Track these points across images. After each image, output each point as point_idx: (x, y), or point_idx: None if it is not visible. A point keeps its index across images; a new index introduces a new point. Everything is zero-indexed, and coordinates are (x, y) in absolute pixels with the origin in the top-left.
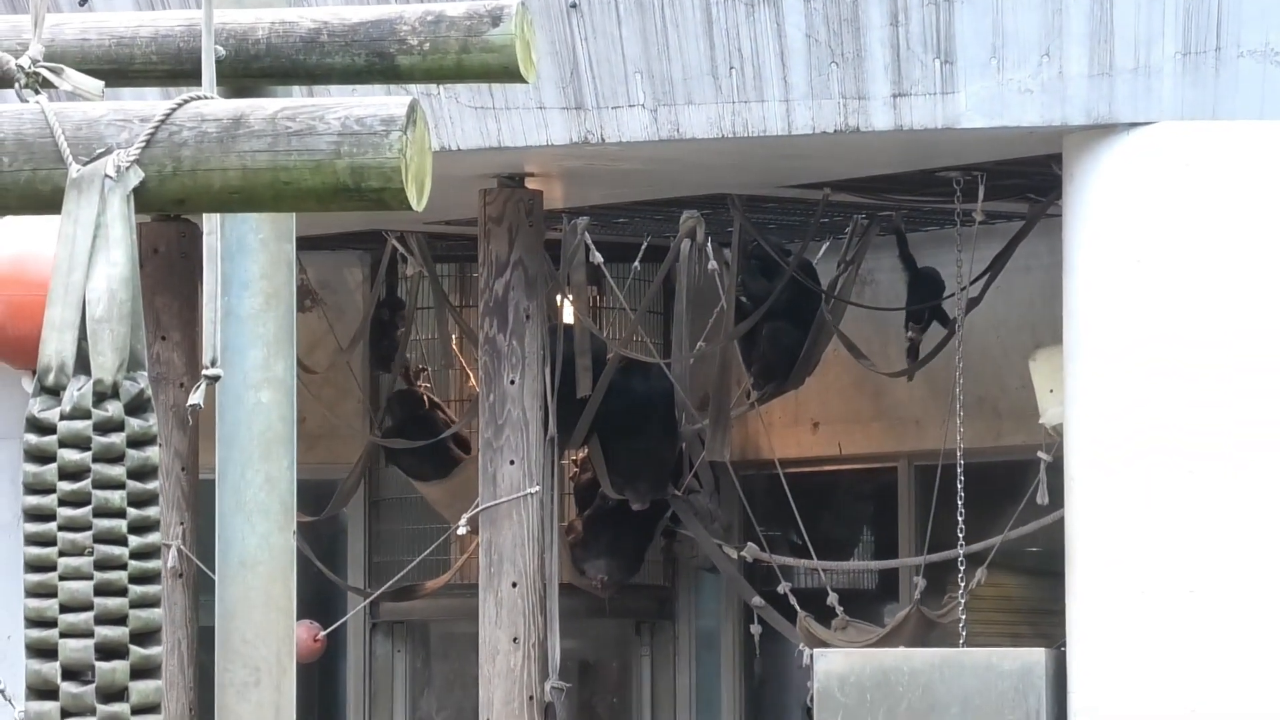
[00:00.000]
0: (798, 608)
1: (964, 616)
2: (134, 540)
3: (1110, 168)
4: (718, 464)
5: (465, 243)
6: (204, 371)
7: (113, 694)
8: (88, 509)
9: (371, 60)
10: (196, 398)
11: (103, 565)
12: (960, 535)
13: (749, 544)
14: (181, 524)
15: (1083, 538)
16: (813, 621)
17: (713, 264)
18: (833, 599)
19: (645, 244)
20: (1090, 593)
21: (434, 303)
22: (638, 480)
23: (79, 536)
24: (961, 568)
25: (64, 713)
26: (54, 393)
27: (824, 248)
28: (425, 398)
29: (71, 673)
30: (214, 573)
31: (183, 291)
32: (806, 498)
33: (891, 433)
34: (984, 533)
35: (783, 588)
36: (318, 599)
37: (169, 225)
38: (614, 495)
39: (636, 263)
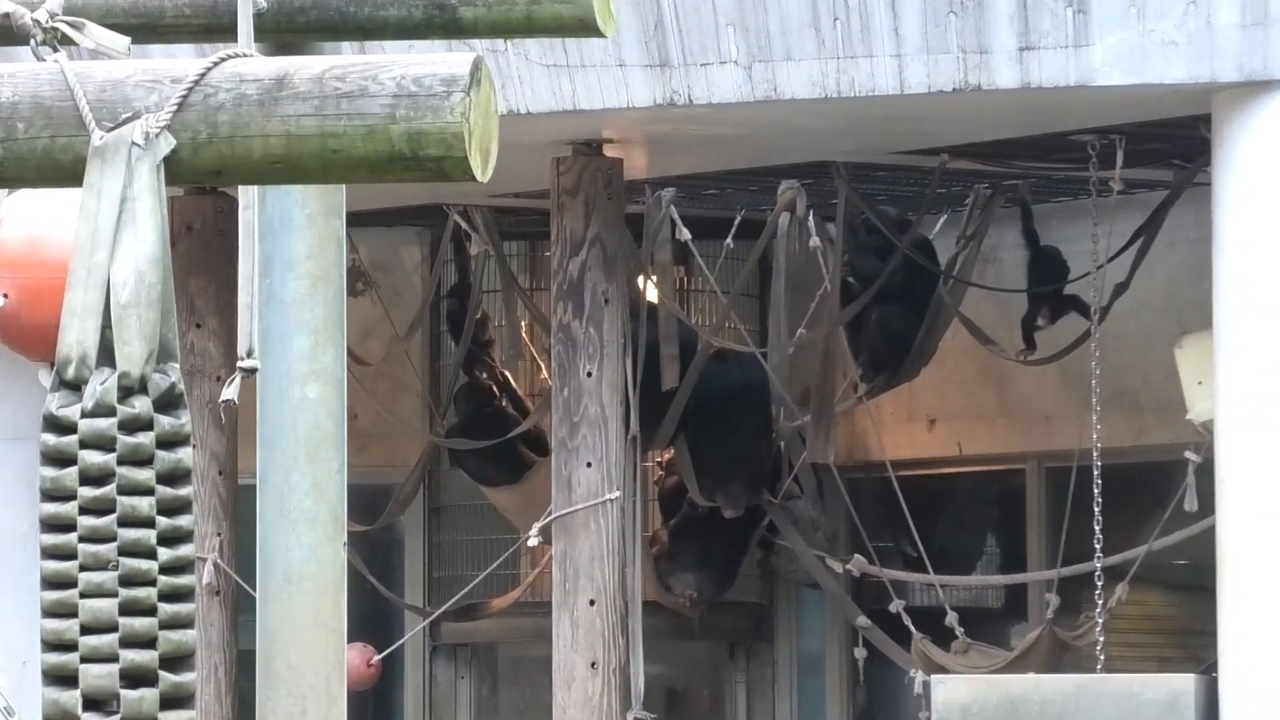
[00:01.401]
0: (912, 628)
1: (1102, 638)
2: (164, 553)
3: (1265, 129)
4: (820, 466)
5: (536, 218)
6: (240, 363)
7: None
8: (112, 518)
9: (430, 12)
10: (231, 392)
11: (129, 581)
12: (1098, 546)
13: (856, 556)
14: (218, 535)
15: (1236, 548)
16: (929, 644)
17: (815, 240)
18: (952, 619)
19: (739, 218)
20: (1244, 610)
21: (501, 285)
22: (730, 484)
23: (102, 549)
24: (1099, 583)
25: None
26: (74, 387)
27: (941, 221)
28: (494, 386)
29: (94, 703)
30: (255, 590)
31: (219, 273)
32: (921, 504)
33: (1018, 430)
34: (1124, 543)
35: (895, 606)
36: (372, 618)
37: (204, 199)
38: (704, 502)
39: (729, 240)
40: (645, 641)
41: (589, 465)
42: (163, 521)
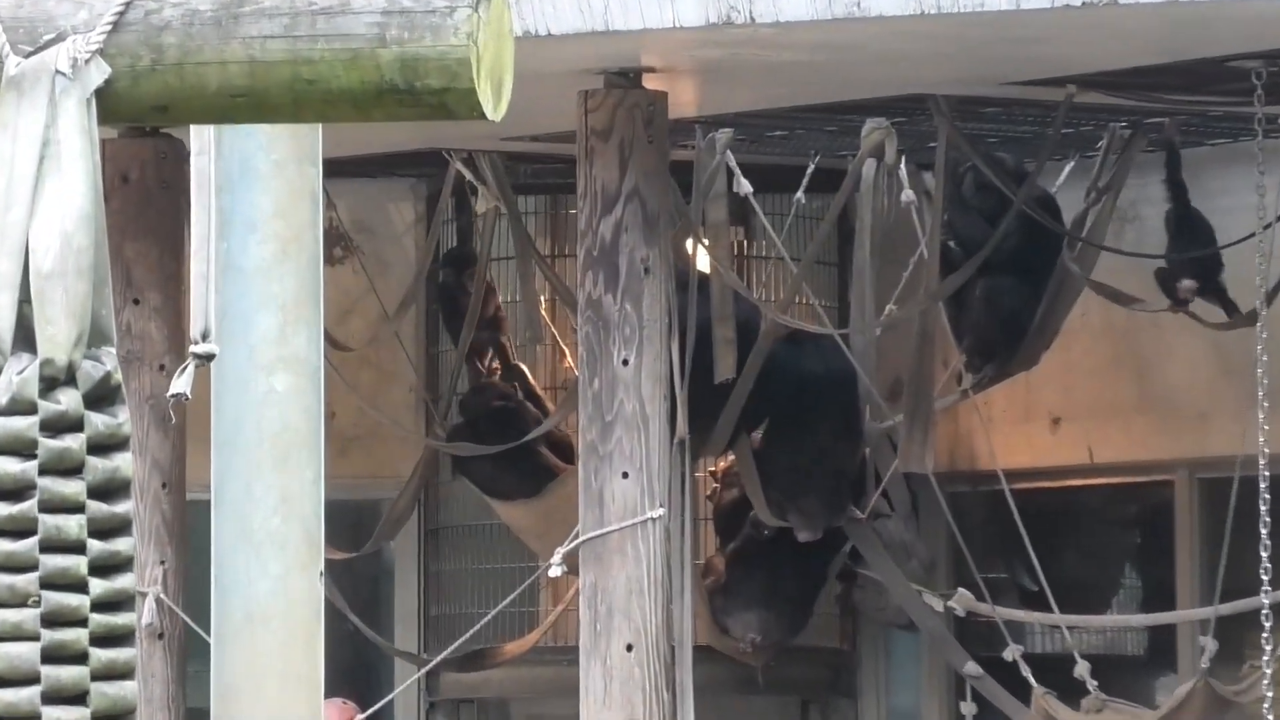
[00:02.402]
0: (1031, 680)
1: (1270, 693)
2: (97, 585)
3: None
4: (916, 476)
5: (559, 167)
6: (193, 348)
7: None
8: (33, 541)
9: None
10: (181, 384)
11: (54, 620)
12: (1265, 578)
13: (960, 590)
14: (162, 563)
15: None
16: (1053, 700)
17: (908, 194)
18: (1082, 668)
19: (812, 167)
20: None
21: (515, 251)
22: (804, 500)
23: (20, 580)
24: (1267, 624)
25: None
26: None
27: (1066, 170)
28: (506, 376)
29: None
30: (208, 632)
31: (164, 236)
32: (1043, 524)
33: (1165, 432)
34: None
35: (1010, 652)
36: (355, 667)
37: (144, 143)
38: (771, 522)
39: (800, 194)
40: (696, 696)
41: (625, 476)
42: (95, 546)
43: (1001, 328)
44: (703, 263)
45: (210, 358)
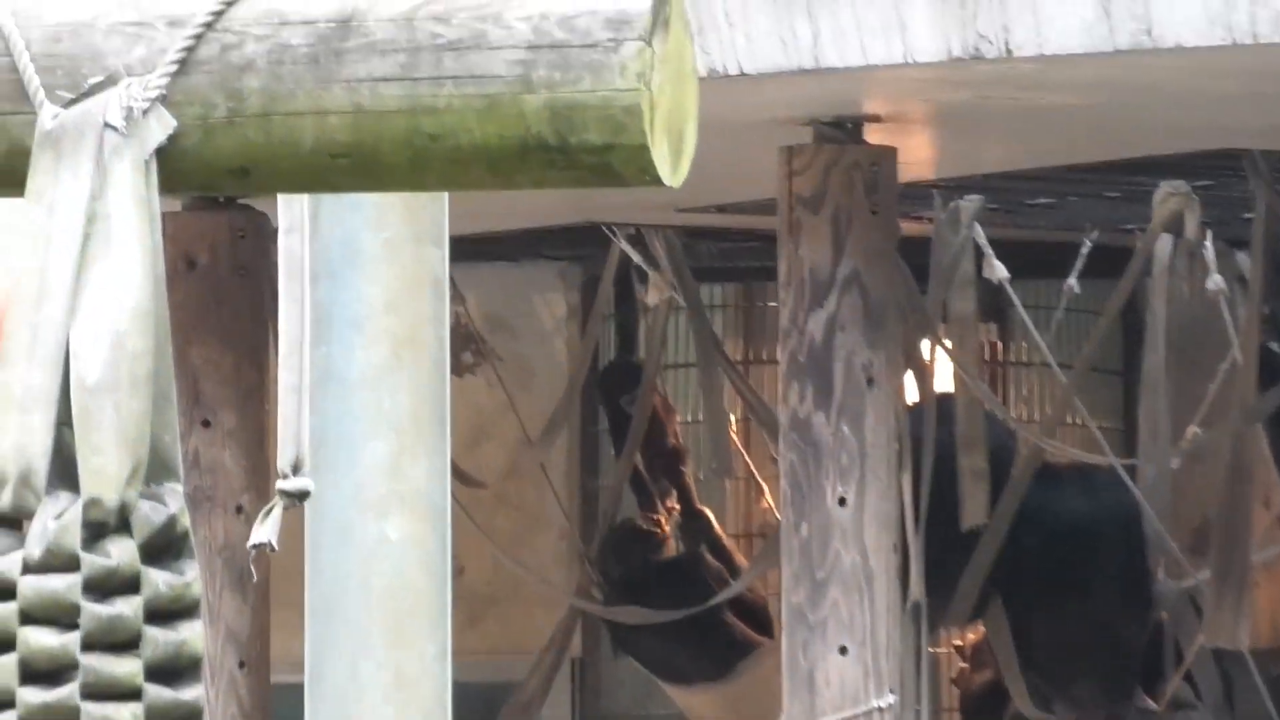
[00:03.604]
0: None
1: None
2: None
3: None
4: (1228, 654)
5: (754, 246)
6: (280, 484)
7: None
8: None
9: None
10: (267, 531)
11: None
12: None
13: None
14: None
15: None
16: None
17: (1216, 279)
18: None
19: (1088, 245)
20: None
21: (697, 357)
22: (1077, 685)
23: None
24: None
25: None
26: (11, 524)
27: None
28: (682, 520)
29: None
30: None
31: (242, 338)
32: None
33: None
34: None
35: None
36: None
37: (217, 217)
38: (1035, 714)
39: (1071, 279)
40: None
41: (843, 651)
42: None
43: None
44: (943, 373)
45: (304, 496)
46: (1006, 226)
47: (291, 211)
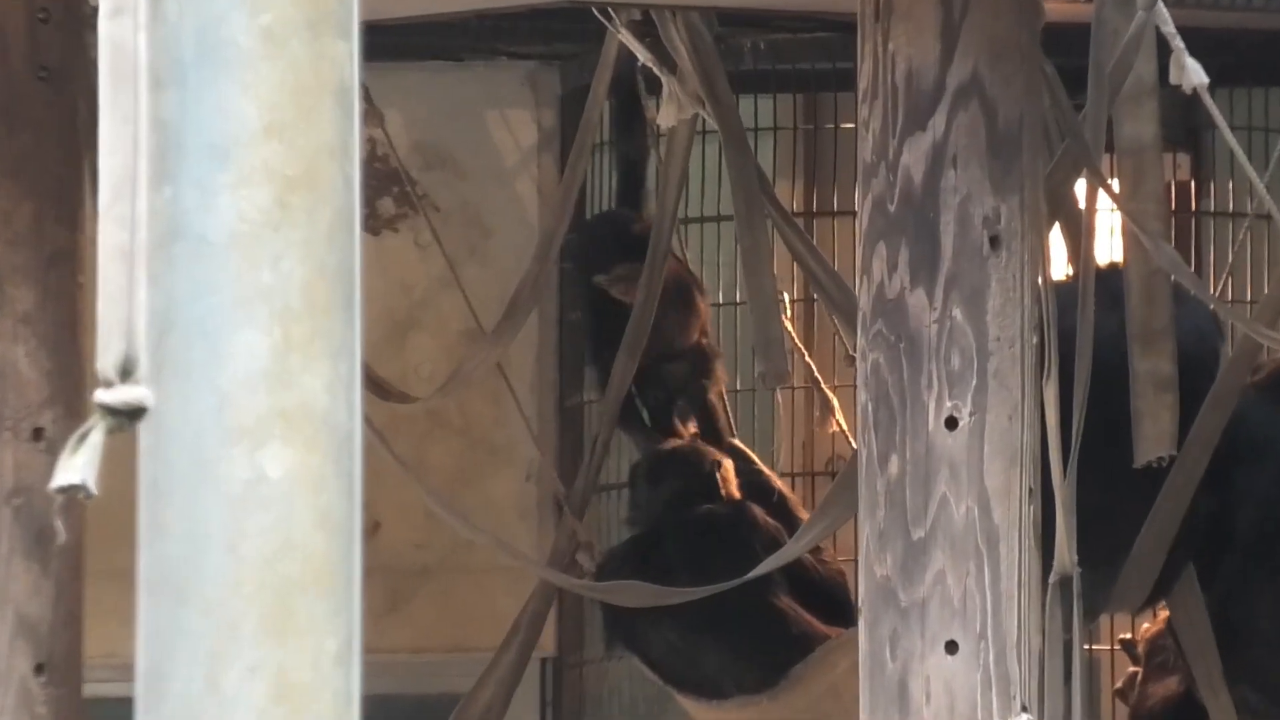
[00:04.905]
0: None
1: None
2: None
3: None
4: None
5: (821, 39)
6: (100, 395)
7: None
8: None
9: None
10: (79, 470)
11: None
12: None
13: None
14: None
15: None
16: None
17: None
18: None
19: None
20: None
21: (735, 207)
22: None
23: None
24: None
25: None
26: None
27: None
28: (710, 442)
29: None
30: None
31: (44, 176)
32: None
33: None
34: None
35: None
36: None
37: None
38: None
39: None
40: None
41: (952, 649)
42: None
43: None
44: (1109, 228)
45: (137, 415)
46: (1207, 7)
47: None
